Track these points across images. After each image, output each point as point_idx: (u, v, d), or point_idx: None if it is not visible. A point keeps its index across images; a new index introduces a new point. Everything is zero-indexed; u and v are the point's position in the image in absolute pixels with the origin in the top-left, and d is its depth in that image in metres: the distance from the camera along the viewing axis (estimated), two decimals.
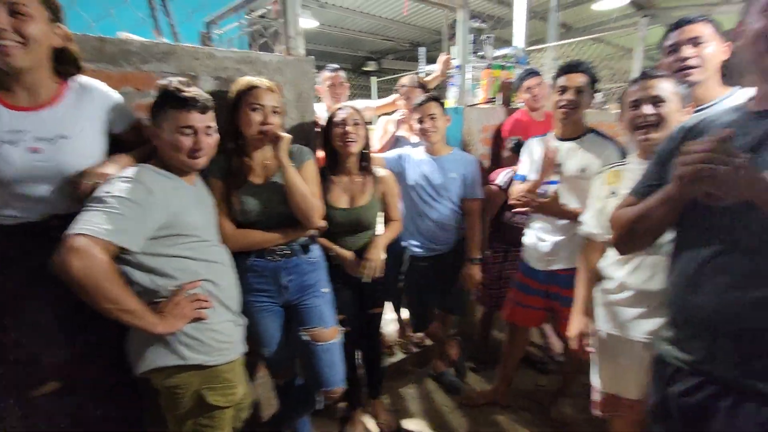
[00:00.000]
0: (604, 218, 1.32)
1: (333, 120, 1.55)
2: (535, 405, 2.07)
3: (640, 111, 1.17)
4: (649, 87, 1.18)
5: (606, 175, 1.37)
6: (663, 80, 1.18)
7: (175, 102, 1.05)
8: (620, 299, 1.26)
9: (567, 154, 1.64)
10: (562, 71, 1.65)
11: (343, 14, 5.73)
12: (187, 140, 1.06)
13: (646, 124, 1.17)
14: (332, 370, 1.42)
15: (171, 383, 1.08)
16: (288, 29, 1.66)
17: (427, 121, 1.81)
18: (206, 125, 1.10)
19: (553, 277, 1.73)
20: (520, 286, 1.87)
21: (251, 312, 1.36)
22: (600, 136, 1.65)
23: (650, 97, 1.17)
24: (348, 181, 1.61)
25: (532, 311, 1.86)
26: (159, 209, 1.01)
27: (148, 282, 1.03)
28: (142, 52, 1.29)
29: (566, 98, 1.59)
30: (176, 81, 1.08)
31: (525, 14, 3.06)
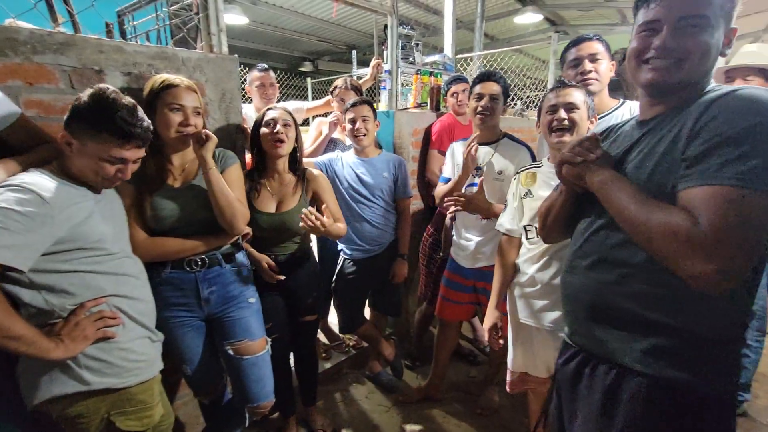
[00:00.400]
0: (519, 216, 1.44)
1: (262, 120, 1.50)
2: (467, 396, 2.17)
3: (557, 115, 1.29)
4: (565, 94, 1.30)
5: (522, 176, 1.47)
6: (576, 89, 1.31)
7: (118, 132, 0.94)
8: (531, 292, 1.40)
9: (484, 157, 1.76)
10: (477, 80, 1.77)
11: (276, 12, 5.57)
12: (112, 169, 0.97)
13: (560, 127, 1.28)
14: (260, 384, 1.36)
15: (72, 413, 0.97)
16: (210, 24, 1.58)
17: (360, 122, 1.82)
18: (138, 157, 1.01)
19: (480, 273, 1.84)
20: (449, 283, 1.97)
21: (169, 328, 1.26)
22: (513, 140, 1.80)
23: (565, 103, 1.28)
24: (277, 185, 1.56)
25: (460, 306, 1.96)
26: (55, 222, 0.89)
27: (41, 302, 0.92)
28: (33, 42, 1.15)
29: (482, 105, 1.71)
30: (125, 109, 0.95)
31: (452, 24, 3.21)
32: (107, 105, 0.94)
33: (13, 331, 0.84)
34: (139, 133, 0.97)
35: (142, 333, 1.09)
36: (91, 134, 0.94)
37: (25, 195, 0.86)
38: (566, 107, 1.28)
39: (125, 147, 0.96)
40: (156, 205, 1.21)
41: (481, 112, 1.72)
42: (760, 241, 0.67)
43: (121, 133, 0.95)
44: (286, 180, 1.57)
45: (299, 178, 1.59)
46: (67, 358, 0.92)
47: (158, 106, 1.19)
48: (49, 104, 1.20)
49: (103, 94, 0.95)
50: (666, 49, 0.77)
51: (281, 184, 1.56)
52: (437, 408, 2.08)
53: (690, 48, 0.75)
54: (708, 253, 0.65)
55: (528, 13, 5.30)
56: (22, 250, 0.85)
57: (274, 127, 1.47)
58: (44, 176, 0.93)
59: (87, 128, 0.94)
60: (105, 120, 0.93)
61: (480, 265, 1.83)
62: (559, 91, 1.32)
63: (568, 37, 6.65)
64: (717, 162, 0.67)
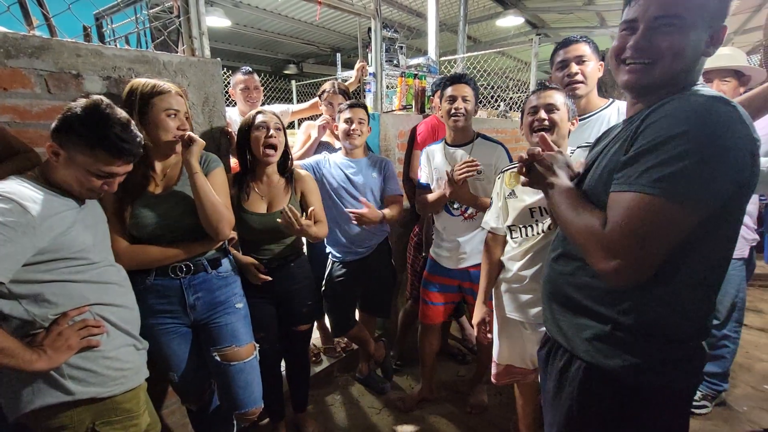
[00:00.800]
0: (504, 216, 1.46)
1: (252, 124, 1.49)
2: (457, 395, 2.19)
3: (537, 116, 1.32)
4: (546, 96, 1.33)
5: (506, 176, 1.50)
6: (557, 92, 1.35)
7: (111, 149, 0.93)
8: (516, 287, 1.44)
9: (461, 159, 1.77)
10: (449, 82, 1.79)
11: (259, 15, 5.52)
12: (99, 182, 0.96)
13: (541, 127, 1.32)
14: (247, 390, 1.35)
15: (56, 424, 0.94)
16: (192, 28, 1.56)
17: (356, 124, 1.83)
18: (125, 172, 1.00)
19: (466, 273, 1.85)
20: (426, 284, 1.97)
21: (155, 336, 1.24)
22: (487, 140, 1.82)
23: (546, 104, 1.32)
24: (266, 187, 1.55)
25: (437, 307, 1.96)
26: (37, 233, 0.87)
27: (21, 312, 0.90)
28: (6, 46, 1.12)
29: (455, 106, 1.73)
30: (118, 126, 0.93)
31: (436, 26, 3.25)
32: (102, 120, 0.92)
33: None
34: (131, 149, 0.96)
35: (126, 341, 1.07)
36: (81, 148, 0.92)
37: (5, 204, 0.84)
38: (546, 108, 1.32)
39: (116, 163, 0.95)
40: (137, 213, 1.19)
41: (455, 114, 1.74)
42: (663, 245, 0.70)
43: (115, 151, 0.93)
44: (275, 182, 1.56)
45: (288, 179, 1.59)
46: (51, 369, 0.90)
47: (152, 112, 1.17)
48: (24, 109, 1.17)
49: (98, 107, 0.93)
50: (638, 48, 0.78)
51: (270, 186, 1.56)
52: (428, 408, 2.09)
53: (662, 48, 0.75)
54: (608, 252, 0.72)
55: (510, 16, 5.37)
56: (3, 261, 0.82)
57: (267, 131, 1.46)
58: (25, 185, 0.90)
59: (78, 142, 0.92)
60: (99, 136, 0.92)
61: (464, 265, 1.84)
62: (540, 93, 1.36)
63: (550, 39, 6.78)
64: (638, 169, 0.71)
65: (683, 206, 0.67)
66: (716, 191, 0.67)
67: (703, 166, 0.66)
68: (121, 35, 2.12)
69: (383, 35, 2.46)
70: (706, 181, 0.66)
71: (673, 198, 0.67)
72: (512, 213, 1.42)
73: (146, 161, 1.21)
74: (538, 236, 1.36)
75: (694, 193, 0.67)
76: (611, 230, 0.72)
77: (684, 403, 0.86)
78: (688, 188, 0.66)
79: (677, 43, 0.74)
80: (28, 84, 1.17)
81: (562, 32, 6.54)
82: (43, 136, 1.19)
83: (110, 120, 0.93)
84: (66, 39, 1.27)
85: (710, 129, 0.66)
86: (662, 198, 0.67)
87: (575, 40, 1.55)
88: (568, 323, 0.90)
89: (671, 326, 0.78)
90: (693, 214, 0.68)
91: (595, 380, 0.84)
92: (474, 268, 1.81)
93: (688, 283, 0.76)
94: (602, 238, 0.73)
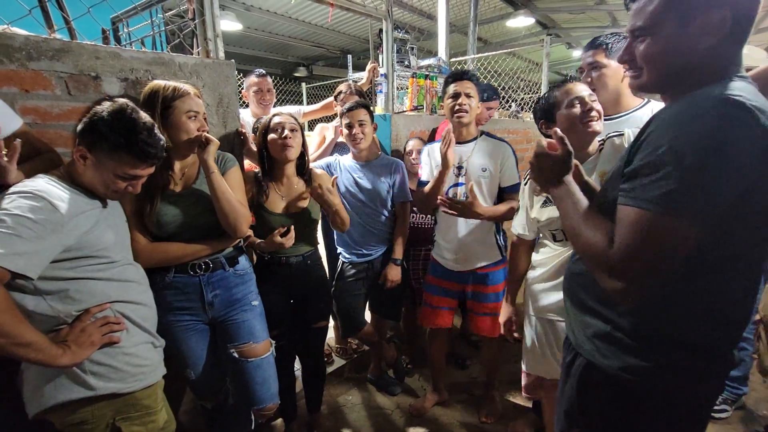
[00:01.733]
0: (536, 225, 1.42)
1: (269, 126, 1.51)
2: (470, 397, 2.17)
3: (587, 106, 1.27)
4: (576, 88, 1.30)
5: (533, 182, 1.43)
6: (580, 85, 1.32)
7: (139, 154, 0.95)
8: (548, 287, 1.38)
9: (465, 156, 1.75)
10: (451, 79, 1.76)
11: (270, 18, 5.58)
12: (124, 185, 0.99)
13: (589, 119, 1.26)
14: (265, 386, 1.36)
15: (77, 419, 0.96)
16: (206, 30, 1.58)
17: (356, 127, 1.82)
18: (149, 174, 1.03)
19: (469, 276, 1.82)
20: (432, 289, 1.92)
21: (173, 332, 1.26)
22: (492, 137, 1.79)
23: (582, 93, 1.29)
24: (285, 188, 1.58)
25: (444, 312, 1.91)
26: (65, 230, 0.89)
27: (46, 308, 0.91)
28: (29, 48, 1.15)
29: (459, 103, 1.70)
30: (144, 131, 0.96)
31: (446, 28, 3.24)
32: (129, 125, 0.95)
33: (24, 337, 0.83)
34: (156, 153, 0.99)
35: (145, 338, 1.09)
36: (109, 152, 0.95)
37: (37, 202, 0.86)
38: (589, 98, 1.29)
39: (141, 167, 0.98)
40: (158, 210, 1.21)
41: (458, 111, 1.70)
42: (669, 264, 0.68)
43: (142, 155, 0.96)
44: (294, 183, 1.59)
45: (307, 181, 1.61)
46: (74, 364, 0.92)
47: (173, 115, 1.19)
48: (45, 111, 1.20)
49: (124, 112, 0.96)
50: (624, 60, 0.81)
51: (290, 187, 1.58)
52: (440, 410, 2.08)
53: (639, 58, 0.77)
54: (613, 272, 0.71)
55: (520, 16, 5.35)
56: (33, 258, 0.84)
57: (282, 132, 1.49)
58: (53, 183, 0.93)
59: (106, 146, 0.94)
60: (127, 141, 0.94)
61: (468, 267, 1.80)
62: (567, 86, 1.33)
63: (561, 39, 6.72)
64: (640, 183, 0.69)
65: (685, 220, 0.65)
66: (716, 200, 0.65)
67: (699, 174, 0.63)
68: (138, 38, 2.16)
69: (394, 36, 2.47)
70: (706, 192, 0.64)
71: (674, 212, 0.65)
72: (554, 220, 1.34)
73: (166, 162, 1.23)
74: None
75: (694, 205, 0.64)
76: (617, 251, 0.70)
77: (692, 412, 0.81)
78: (689, 201, 0.64)
79: (647, 50, 0.76)
80: (49, 86, 1.20)
81: (572, 32, 6.49)
82: (63, 137, 1.22)
83: (137, 125, 0.95)
84: (85, 42, 1.29)
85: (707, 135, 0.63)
86: (665, 215, 0.66)
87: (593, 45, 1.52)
88: (575, 320, 0.92)
89: (672, 331, 0.76)
90: (695, 225, 0.65)
91: (593, 378, 0.85)
92: (480, 270, 1.78)
93: (690, 290, 0.74)
94: (608, 258, 0.71)
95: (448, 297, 1.89)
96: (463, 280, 1.84)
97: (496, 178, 1.73)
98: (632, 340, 0.78)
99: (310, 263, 1.63)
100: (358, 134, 1.82)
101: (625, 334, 0.79)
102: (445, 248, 1.85)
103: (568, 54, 7.88)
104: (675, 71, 0.75)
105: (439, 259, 1.89)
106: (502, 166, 1.72)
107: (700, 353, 0.76)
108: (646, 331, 0.78)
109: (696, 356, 0.76)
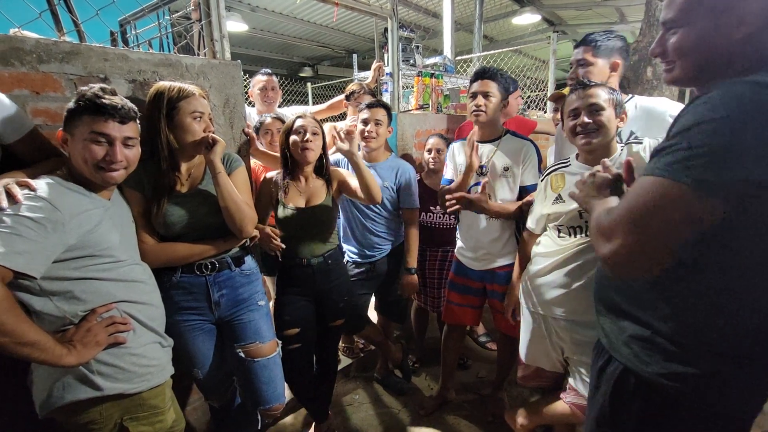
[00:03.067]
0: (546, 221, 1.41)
1: (293, 128, 1.53)
2: (477, 396, 2.16)
3: (580, 119, 1.24)
4: (588, 95, 1.24)
5: (551, 179, 1.40)
6: (599, 88, 1.24)
7: (92, 108, 0.95)
8: (546, 282, 1.37)
9: (488, 155, 1.74)
10: (473, 78, 1.75)
11: (275, 19, 5.60)
12: (99, 149, 0.96)
13: (586, 131, 1.23)
14: (271, 386, 1.36)
15: (85, 419, 0.97)
16: (213, 31, 1.59)
17: (372, 125, 1.81)
18: (126, 136, 1.00)
19: (490, 275, 1.81)
20: (453, 286, 1.94)
21: (180, 332, 1.26)
22: (516, 136, 1.77)
23: (589, 105, 1.23)
24: (305, 186, 1.59)
25: (468, 309, 1.93)
26: (66, 229, 0.89)
27: (52, 308, 0.92)
28: (39, 51, 1.16)
29: (475, 103, 1.69)
30: (97, 87, 0.98)
31: (451, 26, 3.23)
32: (84, 93, 0.97)
33: (27, 337, 0.83)
34: (115, 106, 0.97)
35: (152, 338, 1.09)
36: (75, 123, 0.96)
37: (36, 202, 0.87)
38: (590, 110, 1.23)
39: (107, 121, 0.96)
40: (165, 211, 1.22)
41: (475, 111, 1.70)
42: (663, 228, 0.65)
43: (97, 108, 0.95)
44: (313, 183, 1.61)
45: (327, 181, 1.63)
46: (80, 364, 0.92)
47: (178, 116, 1.19)
48: (55, 113, 1.21)
49: (82, 91, 0.98)
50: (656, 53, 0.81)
51: (309, 185, 1.60)
52: (447, 410, 2.07)
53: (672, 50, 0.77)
54: (607, 235, 0.71)
55: (526, 13, 5.31)
56: (35, 257, 0.85)
57: (303, 135, 1.50)
58: (54, 184, 0.93)
59: (72, 119, 0.96)
60: (85, 104, 0.95)
61: (489, 266, 1.80)
62: (580, 92, 1.26)
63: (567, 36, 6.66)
64: (661, 156, 0.68)
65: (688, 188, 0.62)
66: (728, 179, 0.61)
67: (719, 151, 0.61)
68: (145, 40, 2.18)
69: (399, 35, 2.46)
70: (718, 167, 0.61)
71: (677, 178, 0.63)
72: (560, 216, 1.34)
73: (173, 163, 1.24)
74: (587, 239, 1.28)
75: (700, 175, 0.62)
76: (615, 211, 0.72)
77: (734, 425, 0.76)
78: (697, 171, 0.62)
79: (679, 42, 0.75)
80: (59, 88, 1.21)
81: (579, 29, 6.43)
82: None
83: (92, 90, 0.97)
84: (94, 44, 1.30)
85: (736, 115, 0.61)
86: (666, 179, 0.64)
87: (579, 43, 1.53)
88: (610, 325, 0.87)
89: (716, 338, 0.72)
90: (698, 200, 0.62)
91: (630, 385, 0.81)
92: (500, 269, 1.77)
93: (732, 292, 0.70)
94: (606, 218, 0.73)
95: (470, 295, 1.90)
96: (483, 278, 1.84)
97: (519, 178, 1.72)
98: (674, 346, 0.74)
99: (331, 263, 1.63)
100: (372, 132, 1.82)
101: (667, 339, 0.75)
102: (466, 247, 1.86)
103: None
104: (708, 63, 0.74)
105: (461, 258, 1.91)
106: (524, 166, 1.70)
107: (747, 366, 0.72)
108: (688, 338, 0.73)
109: (743, 368, 0.72)
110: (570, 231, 1.32)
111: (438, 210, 2.13)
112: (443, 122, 2.69)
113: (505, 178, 1.72)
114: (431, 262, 2.20)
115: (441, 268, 2.20)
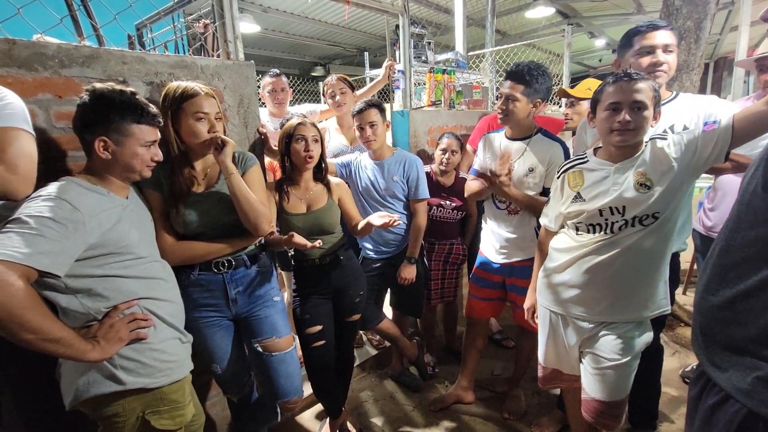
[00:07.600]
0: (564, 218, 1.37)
1: (293, 135, 1.52)
2: (492, 394, 2.15)
3: (621, 116, 1.14)
4: (634, 90, 1.13)
5: (569, 176, 1.33)
6: (644, 82, 1.15)
7: (141, 117, 1.02)
8: (562, 280, 1.33)
9: (515, 154, 1.71)
10: (504, 77, 1.71)
11: (287, 19, 5.64)
12: (147, 153, 1.06)
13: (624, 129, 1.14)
14: (289, 380, 1.39)
15: (109, 412, 1.00)
16: (226, 32, 1.61)
17: (368, 129, 1.82)
18: (158, 138, 1.10)
19: (509, 268, 1.81)
20: (477, 280, 1.94)
21: (199, 329, 1.29)
22: (547, 136, 1.73)
23: (633, 101, 1.13)
24: (303, 190, 1.60)
25: (489, 303, 1.94)
26: (87, 229, 0.92)
27: (77, 305, 0.95)
28: (61, 56, 1.19)
29: (500, 105, 1.68)
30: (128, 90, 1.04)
31: (463, 22, 3.20)
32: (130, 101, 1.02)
33: (53, 333, 0.86)
34: (156, 116, 1.07)
35: (172, 334, 1.12)
36: (117, 127, 1.00)
37: (56, 204, 0.89)
38: (632, 106, 1.12)
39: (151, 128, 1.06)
40: (182, 210, 1.24)
41: (500, 113, 1.69)
42: None
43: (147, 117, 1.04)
44: (312, 186, 1.61)
45: (326, 185, 1.63)
46: (104, 359, 0.95)
47: (182, 116, 1.21)
48: None
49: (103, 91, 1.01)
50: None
51: (308, 190, 1.60)
52: (462, 407, 2.06)
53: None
54: None
55: (539, 6, 5.22)
56: (58, 256, 0.87)
57: (306, 145, 1.51)
58: (74, 185, 0.96)
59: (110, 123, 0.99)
60: (123, 109, 1.00)
61: (508, 260, 1.80)
62: (624, 84, 1.14)
63: (582, 29, 6.51)
64: None
65: None
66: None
67: None
68: (160, 43, 2.22)
69: (411, 32, 2.45)
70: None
71: None
72: (580, 214, 1.28)
73: (188, 163, 1.26)
74: (606, 236, 1.23)
75: None
76: None
77: None
78: None
79: None
80: (81, 91, 1.23)
81: (595, 21, 6.28)
82: None
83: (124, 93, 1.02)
84: (113, 48, 1.33)
85: None
86: None
87: (663, 26, 1.41)
88: (728, 362, 0.75)
89: None
90: None
91: (757, 430, 0.69)
92: (519, 264, 1.76)
93: None
94: None
95: (491, 288, 1.91)
96: (504, 272, 1.84)
97: (542, 178, 1.69)
98: None
99: (342, 259, 1.65)
100: (370, 136, 1.82)
101: None
102: (488, 241, 1.87)
103: (590, 44, 7.64)
104: None
105: (483, 251, 1.91)
106: (550, 168, 1.67)
107: None
108: None
109: None
110: (589, 228, 1.28)
111: (448, 205, 2.13)
112: (456, 118, 2.67)
113: (528, 178, 1.70)
114: (438, 255, 2.21)
115: (446, 260, 2.23)
